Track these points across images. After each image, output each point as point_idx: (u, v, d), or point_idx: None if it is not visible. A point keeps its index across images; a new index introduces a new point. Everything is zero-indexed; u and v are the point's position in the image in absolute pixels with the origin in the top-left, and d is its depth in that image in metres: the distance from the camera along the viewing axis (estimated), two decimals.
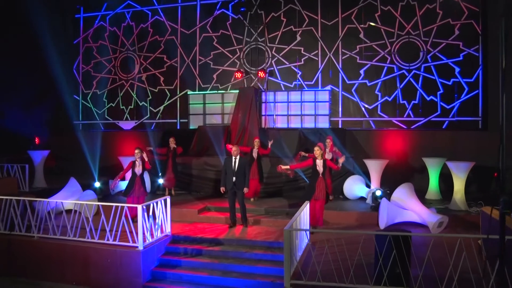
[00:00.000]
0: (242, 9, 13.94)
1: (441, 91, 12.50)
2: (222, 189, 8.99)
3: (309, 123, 13.48)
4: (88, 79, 15.46)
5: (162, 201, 8.12)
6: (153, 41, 14.79)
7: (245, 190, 8.85)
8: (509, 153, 11.19)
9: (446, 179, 11.08)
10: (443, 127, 12.54)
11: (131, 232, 7.48)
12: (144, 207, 7.52)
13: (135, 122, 14.99)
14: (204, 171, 12.17)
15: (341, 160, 8.83)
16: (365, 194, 10.51)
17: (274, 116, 13.74)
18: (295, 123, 13.61)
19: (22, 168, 11.31)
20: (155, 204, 7.86)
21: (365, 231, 7.84)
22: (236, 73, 13.52)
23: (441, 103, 12.51)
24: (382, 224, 8.81)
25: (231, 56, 14.08)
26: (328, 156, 10.12)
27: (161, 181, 11.74)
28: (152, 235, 7.78)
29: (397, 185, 9.25)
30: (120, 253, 7.41)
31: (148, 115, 14.86)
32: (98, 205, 8.06)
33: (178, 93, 14.56)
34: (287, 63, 13.65)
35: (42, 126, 15.06)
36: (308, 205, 7.93)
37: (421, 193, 10.37)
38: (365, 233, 6.70)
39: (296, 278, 5.97)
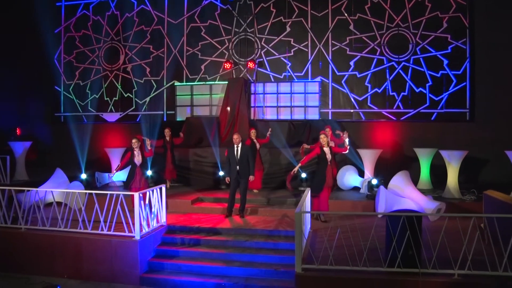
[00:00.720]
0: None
1: (430, 83, 12.64)
2: (227, 179, 8.76)
3: (299, 115, 13.39)
4: (71, 70, 14.86)
5: (158, 190, 7.84)
6: (138, 31, 14.36)
7: (251, 178, 8.65)
8: (497, 143, 11.48)
9: (436, 169, 11.20)
10: (432, 118, 12.69)
11: (127, 222, 7.17)
12: (141, 195, 7.22)
13: (120, 114, 14.54)
14: (196, 163, 11.88)
15: (345, 137, 8.66)
16: (359, 184, 10.48)
17: (264, 108, 13.58)
18: (284, 115, 13.49)
19: (2, 160, 10.74)
20: (151, 193, 7.58)
21: (373, 213, 7.76)
22: (225, 64, 13.29)
23: (430, 95, 12.65)
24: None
25: (220, 47, 13.84)
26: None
27: (149, 172, 11.40)
28: (148, 224, 7.49)
29: (389, 175, 9.28)
30: (116, 244, 7.09)
31: (134, 107, 14.43)
32: (89, 195, 7.70)
33: (164, 84, 14.20)
34: (276, 54, 13.52)
35: (23, 117, 14.46)
36: (309, 192, 7.80)
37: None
38: (379, 214, 6.53)
39: (305, 263, 5.82)
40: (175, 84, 14.08)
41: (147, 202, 7.42)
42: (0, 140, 11.74)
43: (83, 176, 10.79)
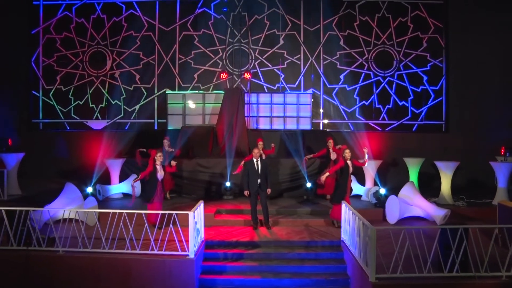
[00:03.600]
0: (224, 9, 13.85)
1: (412, 97, 13.84)
2: (247, 192, 8.96)
3: (291, 125, 13.92)
4: (51, 74, 13.99)
5: (201, 206, 7.91)
6: (127, 37, 13.94)
7: (269, 191, 8.98)
8: (469, 154, 12.92)
9: (423, 177, 12.31)
10: (413, 129, 13.90)
11: (179, 240, 7.18)
12: (194, 213, 7.26)
13: (107, 122, 14.01)
14: (196, 173, 11.88)
15: (366, 152, 9.34)
16: (363, 193, 11.25)
17: (257, 118, 13.92)
18: (277, 125, 13.94)
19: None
20: (198, 209, 7.64)
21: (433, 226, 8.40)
22: (222, 74, 13.40)
23: (412, 108, 13.86)
24: (393, 220, 9.57)
25: (213, 56, 13.92)
26: (333, 156, 10.70)
27: None
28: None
29: (384, 183, 10.22)
30: (170, 263, 7.05)
31: (122, 114, 13.98)
32: (123, 213, 7.48)
33: (155, 92, 13.95)
34: (270, 65, 13.93)
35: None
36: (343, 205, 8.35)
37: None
38: (438, 227, 7.04)
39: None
40: (167, 92, 13.89)
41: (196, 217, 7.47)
42: None
43: (89, 189, 10.36)
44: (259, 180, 8.84)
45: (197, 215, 7.74)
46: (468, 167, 12.72)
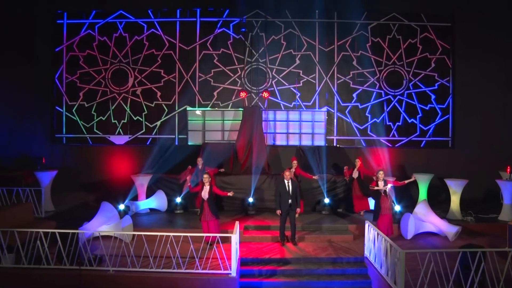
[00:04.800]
0: (243, 30, 14.44)
1: (420, 115, 14.56)
2: (279, 211, 9.57)
3: (306, 141, 14.56)
4: (74, 90, 14.50)
5: (238, 225, 8.50)
6: (149, 55, 14.49)
7: (298, 210, 9.61)
8: (473, 169, 13.64)
9: (430, 190, 12.95)
10: (421, 145, 14.62)
11: (222, 258, 7.75)
12: (236, 235, 7.82)
13: (129, 137, 14.53)
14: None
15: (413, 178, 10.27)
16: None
17: (274, 134, 14.55)
18: (293, 141, 14.57)
19: (35, 192, 10.46)
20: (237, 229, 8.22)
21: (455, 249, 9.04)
22: (241, 93, 13.96)
23: (420, 125, 14.58)
24: (409, 235, 10.25)
25: (232, 75, 14.51)
26: (355, 174, 11.42)
27: (178, 199, 11.80)
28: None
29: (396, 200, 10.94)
30: (214, 282, 7.60)
31: (144, 130, 14.51)
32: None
33: (176, 108, 14.50)
34: (286, 84, 14.55)
35: (19, 138, 13.84)
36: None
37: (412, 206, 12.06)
38: (459, 250, 7.69)
39: None
40: (187, 109, 14.45)
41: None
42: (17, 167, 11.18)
43: (121, 207, 10.87)
44: (290, 201, 9.46)
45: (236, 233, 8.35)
46: (473, 182, 13.40)
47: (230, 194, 9.60)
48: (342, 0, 14.06)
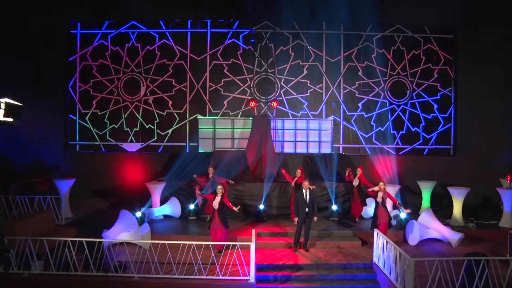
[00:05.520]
0: (252, 41, 14.88)
1: (423, 124, 15.04)
2: (296, 219, 10.00)
3: (313, 149, 15.01)
4: (87, 99, 14.91)
5: (254, 232, 8.93)
6: (160, 65, 14.91)
7: (315, 219, 10.05)
8: (474, 176, 14.12)
9: (432, 197, 13.44)
10: (424, 153, 15.10)
11: (241, 264, 8.18)
12: (253, 244, 8.25)
13: (141, 145, 14.94)
14: (232, 197, 12.77)
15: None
16: None
17: (282, 142, 14.99)
18: (300, 149, 15.02)
19: (56, 200, 10.85)
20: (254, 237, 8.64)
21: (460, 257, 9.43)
22: (251, 102, 14.38)
23: (423, 134, 15.06)
24: (414, 241, 10.71)
25: (242, 85, 14.95)
26: (355, 183, 11.88)
27: (192, 206, 12.20)
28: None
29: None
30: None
31: (156, 138, 14.93)
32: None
33: (187, 117, 14.92)
34: (294, 93, 15.01)
35: (33, 145, 14.20)
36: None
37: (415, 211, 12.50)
38: (464, 259, 8.16)
39: None
40: (198, 117, 14.88)
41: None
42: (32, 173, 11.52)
43: (138, 214, 11.27)
44: (306, 209, 9.91)
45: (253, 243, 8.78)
46: (474, 188, 13.90)
47: (236, 209, 9.95)
48: (348, 13, 14.51)
